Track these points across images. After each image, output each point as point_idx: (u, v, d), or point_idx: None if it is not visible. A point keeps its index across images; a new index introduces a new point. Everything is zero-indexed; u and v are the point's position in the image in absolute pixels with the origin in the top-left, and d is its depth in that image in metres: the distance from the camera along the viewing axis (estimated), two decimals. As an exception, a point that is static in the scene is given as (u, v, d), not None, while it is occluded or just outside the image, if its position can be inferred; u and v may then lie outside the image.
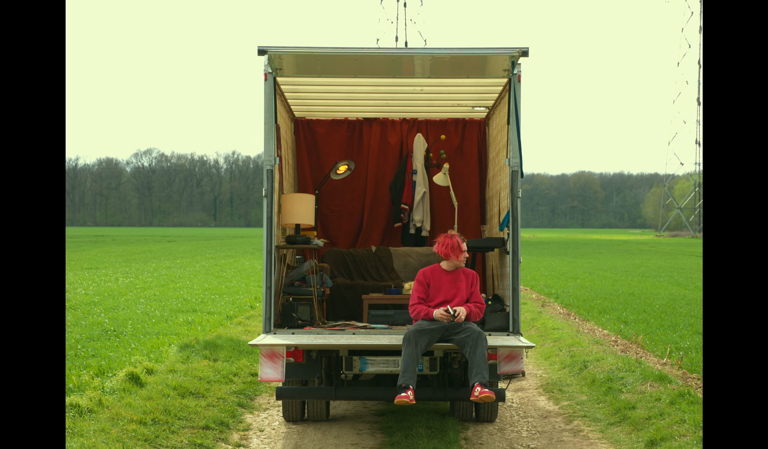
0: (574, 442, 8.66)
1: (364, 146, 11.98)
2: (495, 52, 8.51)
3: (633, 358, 12.03)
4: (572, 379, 11.73)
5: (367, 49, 8.78)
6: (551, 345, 14.47)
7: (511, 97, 8.72)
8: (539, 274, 32.00)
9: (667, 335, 14.60)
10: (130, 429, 7.95)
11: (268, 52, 8.46)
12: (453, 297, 8.05)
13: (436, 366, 8.29)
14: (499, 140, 10.15)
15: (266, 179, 8.60)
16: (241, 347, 12.70)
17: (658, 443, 8.16)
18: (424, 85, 10.26)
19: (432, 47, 8.74)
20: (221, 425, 8.92)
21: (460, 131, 11.88)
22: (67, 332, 14.25)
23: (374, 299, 10.16)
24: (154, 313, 17.31)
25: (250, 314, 17.99)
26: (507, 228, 9.14)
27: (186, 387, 9.91)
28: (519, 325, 8.56)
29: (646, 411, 9.20)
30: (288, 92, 10.45)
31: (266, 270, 8.53)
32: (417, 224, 11.75)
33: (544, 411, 10.07)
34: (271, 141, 8.62)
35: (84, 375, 10.21)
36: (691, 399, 9.27)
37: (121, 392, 9.28)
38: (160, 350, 12.37)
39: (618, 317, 17.49)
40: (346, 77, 9.83)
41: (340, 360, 8.35)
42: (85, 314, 16.95)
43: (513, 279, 8.60)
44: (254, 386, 10.88)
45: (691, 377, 10.96)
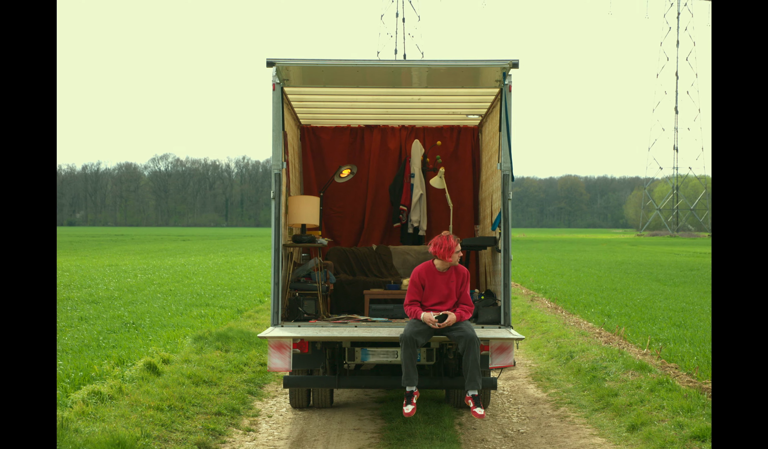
0: (561, 427, 8.66)
1: (366, 152, 11.98)
2: (487, 64, 8.51)
3: (615, 349, 12.03)
4: (559, 368, 11.73)
5: (368, 61, 8.77)
6: (540, 336, 14.47)
7: (502, 105, 8.72)
8: (528, 271, 31.99)
9: (647, 327, 14.60)
10: (148, 415, 7.95)
11: (276, 64, 8.46)
12: (446, 299, 8.03)
13: (432, 357, 8.29)
14: (491, 146, 10.15)
15: (274, 182, 8.60)
16: (250, 339, 12.70)
17: (639, 427, 8.16)
18: (421, 95, 10.26)
19: (428, 59, 8.73)
20: (232, 411, 8.92)
21: (454, 137, 11.88)
22: (89, 324, 14.25)
23: (375, 295, 10.16)
24: (170, 307, 17.30)
25: (259, 308, 17.99)
26: (499, 228, 9.14)
27: (200, 375, 9.91)
28: (510, 318, 8.55)
29: (627, 398, 9.20)
30: (294, 101, 10.45)
31: (274, 267, 8.53)
32: (415, 224, 11.75)
33: (533, 399, 10.07)
34: (278, 147, 8.62)
35: (105, 364, 10.21)
36: (670, 387, 9.28)
37: (140, 380, 9.29)
38: (176, 341, 12.37)
39: (602, 310, 17.48)
40: (348, 87, 9.83)
41: (343, 351, 8.36)
42: (106, 308, 16.95)
43: (504, 276, 8.60)
44: (263, 375, 10.89)
45: (669, 366, 10.96)
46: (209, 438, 7.84)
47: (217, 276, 27.02)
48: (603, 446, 7.89)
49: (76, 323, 14.36)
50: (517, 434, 8.40)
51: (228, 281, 25.09)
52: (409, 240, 11.84)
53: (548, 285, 24.71)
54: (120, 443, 6.79)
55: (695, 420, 7.88)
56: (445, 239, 8.03)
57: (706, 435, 7.46)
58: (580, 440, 8.13)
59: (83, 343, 12.07)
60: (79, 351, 11.31)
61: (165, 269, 30.04)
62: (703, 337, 13.33)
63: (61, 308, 16.75)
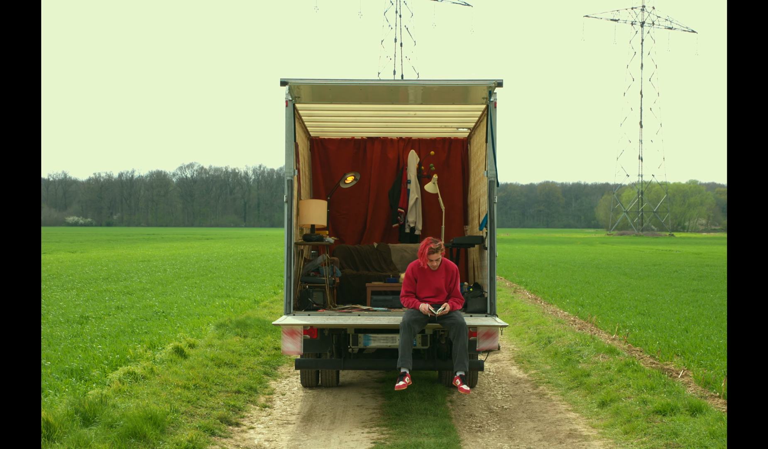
0: (540, 404, 8.66)
1: (368, 161, 11.97)
2: (475, 83, 8.50)
3: (588, 335, 12.03)
4: (538, 352, 11.73)
5: (370, 80, 8.77)
6: (521, 324, 14.46)
7: (488, 120, 8.71)
8: (512, 266, 31.99)
9: (615, 315, 14.60)
10: (176, 393, 7.95)
11: (289, 83, 8.46)
12: (438, 292, 8.04)
13: (426, 342, 8.30)
14: (479, 155, 10.14)
15: (287, 187, 8.60)
16: (266, 326, 12.70)
17: (608, 404, 8.16)
18: (417, 110, 10.25)
19: (423, 79, 8.71)
20: (250, 390, 8.92)
21: (446, 148, 11.87)
22: (125, 313, 14.25)
23: (376, 287, 10.16)
24: (195, 298, 17.30)
25: (274, 299, 17.98)
26: (485, 228, 9.14)
27: (221, 358, 9.91)
28: (495, 308, 8.55)
29: (598, 378, 9.20)
30: (305, 116, 10.44)
31: (287, 263, 8.53)
32: (411, 225, 11.75)
33: (515, 379, 10.06)
34: (291, 156, 8.62)
35: (139, 348, 10.21)
36: (635, 368, 9.28)
37: (169, 362, 9.29)
38: (200, 328, 12.37)
39: (576, 301, 17.48)
40: (352, 103, 9.83)
41: (347, 336, 8.36)
42: (139, 298, 16.95)
43: (490, 270, 8.61)
44: (277, 358, 10.89)
45: (635, 349, 10.95)
46: (230, 413, 7.84)
47: (236, 271, 27.01)
48: (577, 420, 7.89)
49: (113, 312, 14.36)
50: (501, 409, 8.40)
51: (246, 275, 25.09)
52: (406, 239, 11.84)
53: (529, 279, 24.71)
54: (152, 417, 6.79)
55: (657, 397, 7.89)
56: (421, 246, 8.04)
57: (666, 409, 7.47)
58: (556, 415, 8.13)
59: (119, 329, 12.07)
60: (116, 337, 11.31)
61: (191, 264, 30.03)
62: (665, 324, 13.33)
63: (100, 298, 16.75)
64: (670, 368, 9.59)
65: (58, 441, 6.09)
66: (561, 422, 7.82)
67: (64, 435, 6.22)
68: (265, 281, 22.68)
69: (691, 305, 16.69)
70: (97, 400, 7.09)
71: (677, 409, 7.43)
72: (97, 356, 9.62)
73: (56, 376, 8.45)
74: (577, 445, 7.00)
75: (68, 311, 14.27)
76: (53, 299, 16.38)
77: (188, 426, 7.05)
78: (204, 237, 77.01)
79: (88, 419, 6.66)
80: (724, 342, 11.25)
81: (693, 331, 12.51)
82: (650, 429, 7.10)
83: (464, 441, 7.13)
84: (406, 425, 7.58)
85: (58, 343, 10.68)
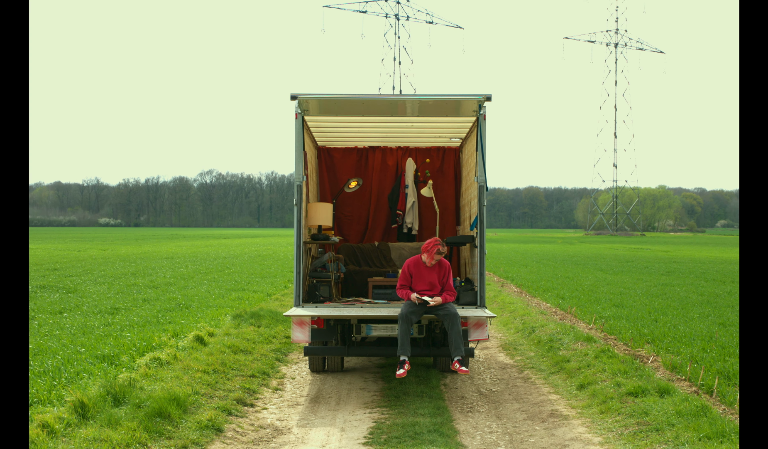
0: (525, 386, 8.65)
1: (369, 167, 11.97)
2: (466, 98, 8.50)
3: (568, 324, 12.02)
4: (523, 340, 11.72)
5: (372, 95, 8.77)
6: (508, 315, 14.45)
7: (478, 131, 8.70)
8: (499, 262, 31.96)
9: (592, 307, 14.59)
10: (197, 377, 7.95)
11: (298, 97, 8.46)
12: (432, 287, 8.04)
13: (423, 331, 8.29)
14: (470, 163, 10.14)
15: (296, 192, 8.59)
16: (278, 317, 12.69)
17: (586, 386, 8.16)
18: (414, 122, 10.25)
19: (419, 94, 8.70)
20: (263, 374, 8.92)
21: (440, 156, 11.87)
22: (151, 305, 14.25)
23: (377, 281, 10.15)
24: (214, 291, 17.29)
25: (285, 292, 17.97)
26: (476, 228, 9.13)
27: (237, 346, 9.90)
28: (484, 300, 8.55)
29: (577, 363, 9.19)
30: (313, 127, 10.44)
31: (296, 259, 8.52)
32: (408, 225, 11.74)
33: (502, 364, 10.06)
34: (300, 164, 8.61)
35: (163, 336, 10.20)
36: (610, 354, 9.27)
37: (190, 349, 9.28)
38: (218, 318, 12.37)
39: (557, 294, 17.48)
40: (356, 116, 9.82)
41: (351, 326, 8.36)
42: (164, 292, 16.94)
43: (480, 266, 8.60)
44: (288, 345, 10.88)
45: (610, 338, 10.94)
46: (245, 395, 7.84)
47: (251, 267, 27.00)
48: (558, 401, 7.88)
49: (141, 304, 14.36)
50: (489, 392, 8.40)
51: (259, 271, 25.07)
52: (404, 238, 11.84)
53: (515, 274, 24.70)
54: (175, 398, 6.79)
55: (630, 380, 7.89)
56: (430, 243, 8.05)
57: (638, 391, 7.46)
58: (539, 397, 8.12)
59: (146, 320, 12.06)
60: (143, 326, 11.30)
61: (210, 261, 30.01)
62: (637, 315, 13.32)
63: (129, 292, 16.74)
64: (641, 354, 9.58)
65: (92, 420, 6.09)
66: (543, 403, 7.82)
67: (97, 414, 6.22)
68: (277, 276, 22.67)
69: (660, 297, 16.68)
70: (127, 383, 7.09)
71: (647, 391, 7.43)
72: (126, 343, 9.62)
73: (90, 361, 8.45)
74: (558, 424, 6.99)
75: (100, 303, 14.26)
76: (87, 292, 16.37)
77: (208, 407, 7.05)
78: (222, 237, 76.98)
79: (118, 400, 6.66)
80: (689, 331, 11.25)
81: (662, 321, 12.51)
82: (623, 409, 7.10)
83: (456, 421, 7.13)
84: (404, 406, 7.58)
85: (91, 332, 10.68)
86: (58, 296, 15.67)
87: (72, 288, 17.35)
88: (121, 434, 5.81)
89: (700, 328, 11.62)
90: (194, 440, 6.12)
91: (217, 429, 6.53)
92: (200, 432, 6.32)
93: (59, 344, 9.57)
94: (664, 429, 6.33)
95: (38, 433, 5.55)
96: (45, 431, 5.65)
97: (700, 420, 6.26)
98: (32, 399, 6.72)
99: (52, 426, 5.75)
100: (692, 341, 10.35)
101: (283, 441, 6.48)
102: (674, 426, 6.33)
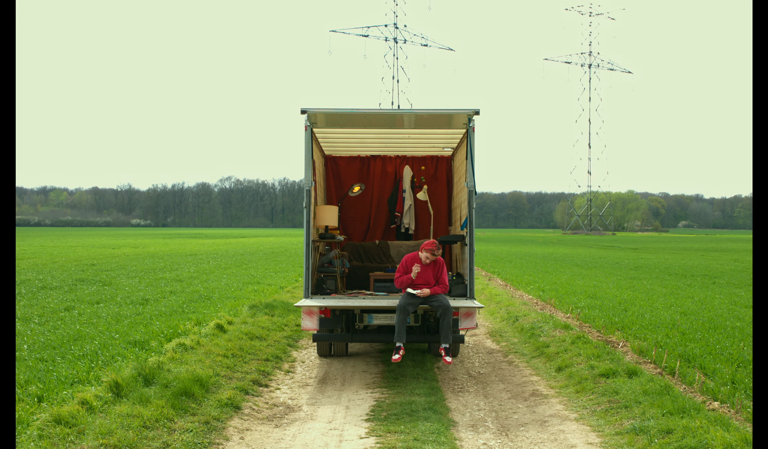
0: (509, 369, 8.66)
1: (371, 174, 11.97)
2: (457, 112, 8.50)
3: (548, 314, 12.02)
4: (508, 328, 11.72)
5: (373, 110, 8.77)
6: (494, 305, 14.46)
7: (468, 141, 8.71)
8: (487, 258, 31.95)
9: (569, 298, 14.59)
10: (218, 360, 7.96)
11: (308, 111, 8.45)
12: (425, 282, 8.04)
13: (418, 320, 8.30)
14: (461, 170, 10.14)
15: (306, 196, 8.60)
16: (289, 307, 12.70)
17: (563, 369, 8.17)
18: (410, 134, 10.25)
19: (415, 109, 8.70)
20: (276, 358, 8.92)
21: (434, 163, 11.87)
22: (176, 296, 14.24)
23: (378, 276, 10.15)
24: (233, 284, 17.29)
25: (295, 285, 17.98)
26: (466, 228, 9.13)
27: (253, 333, 9.91)
28: (473, 292, 8.55)
29: (556, 348, 9.20)
30: (320, 138, 10.43)
31: (306, 256, 8.53)
32: (406, 226, 11.74)
33: (489, 349, 10.06)
34: (309, 171, 8.62)
35: (188, 324, 10.21)
36: (585, 340, 9.28)
37: (212, 336, 9.29)
38: (236, 309, 12.37)
39: (538, 287, 17.48)
40: (359, 128, 9.81)
41: (354, 315, 8.36)
42: (188, 284, 16.94)
43: (470, 262, 8.60)
44: (298, 332, 10.89)
45: (585, 326, 10.95)
46: (260, 376, 7.85)
47: (265, 263, 27.00)
48: (538, 382, 7.89)
49: (168, 296, 14.36)
50: (478, 374, 8.41)
51: (273, 266, 25.07)
52: (402, 237, 11.83)
53: (500, 269, 24.70)
54: (198, 379, 6.80)
55: (602, 363, 7.89)
56: (428, 244, 8.05)
57: (609, 373, 7.47)
58: (522, 378, 8.13)
59: (172, 309, 12.07)
60: (170, 315, 11.31)
61: (229, 258, 30.01)
62: (608, 305, 13.32)
63: (157, 285, 16.74)
64: (612, 340, 9.59)
65: (126, 398, 6.10)
66: (526, 383, 7.82)
67: (130, 393, 6.23)
68: (288, 271, 22.67)
69: (629, 290, 16.68)
70: (155, 366, 7.10)
71: (618, 373, 7.44)
72: (155, 330, 9.63)
73: (123, 346, 8.46)
74: (539, 402, 7.00)
75: (132, 295, 14.27)
76: (121, 285, 16.37)
77: (227, 387, 7.06)
78: (239, 236, 76.93)
79: (148, 380, 6.67)
80: (655, 319, 11.25)
81: (630, 311, 12.51)
82: (596, 388, 7.11)
83: (448, 399, 7.13)
84: (402, 387, 7.59)
85: (124, 320, 10.68)
86: (95, 288, 15.67)
87: (107, 281, 17.35)
88: (150, 410, 5.82)
89: (664, 317, 11.62)
90: (215, 416, 6.13)
91: (236, 407, 6.54)
92: (220, 409, 6.33)
93: (96, 331, 9.58)
94: (632, 406, 6.34)
95: (78, 409, 5.56)
96: (84, 407, 5.67)
97: (663, 398, 6.27)
98: (73, 379, 6.74)
99: (90, 402, 5.77)
100: (657, 328, 10.35)
101: (294, 418, 6.49)
102: (641, 403, 6.34)
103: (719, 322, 11.03)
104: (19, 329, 9.68)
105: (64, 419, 5.32)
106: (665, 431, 5.53)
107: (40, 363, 7.39)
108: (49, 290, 15.17)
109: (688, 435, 5.31)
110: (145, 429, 5.47)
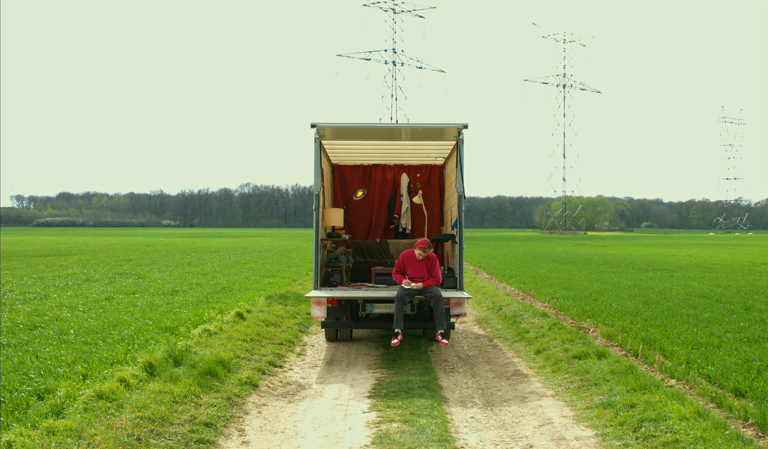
0: (494, 352, 8.67)
1: (372, 181, 11.97)
2: (448, 126, 8.51)
3: (528, 303, 12.03)
4: (493, 316, 11.73)
5: (374, 124, 8.78)
6: (481, 296, 14.46)
7: (458, 152, 8.71)
8: (474, 254, 31.94)
9: (547, 290, 14.60)
10: (238, 344, 7.97)
11: (317, 125, 8.47)
12: (419, 277, 8.05)
13: (414, 309, 8.30)
14: (451, 177, 10.15)
15: (315, 200, 8.61)
16: (301, 297, 12.70)
17: (541, 352, 8.17)
18: (407, 145, 10.25)
19: (412, 123, 8.71)
20: (289, 342, 8.93)
21: (428, 171, 11.87)
22: (202, 288, 14.25)
23: (379, 270, 10.14)
24: (251, 277, 17.29)
25: (306, 278, 17.98)
26: (456, 228, 9.14)
27: (269, 320, 9.92)
28: (462, 284, 8.56)
29: (534, 334, 9.21)
30: (328, 148, 10.44)
31: (315, 253, 8.54)
32: (403, 226, 11.75)
33: (477, 334, 10.07)
34: (318, 178, 8.63)
35: (212, 312, 10.22)
36: (560, 327, 9.28)
37: (232, 322, 9.30)
38: (254, 299, 12.38)
39: (519, 279, 17.48)
40: (362, 140, 9.81)
41: (358, 305, 8.36)
42: (212, 278, 16.94)
43: (459, 258, 8.61)
44: (308, 320, 10.89)
45: (560, 314, 10.95)
46: (275, 358, 7.85)
47: (279, 259, 26.99)
48: (519, 363, 7.90)
49: (194, 287, 14.37)
50: (466, 356, 8.41)
51: (286, 261, 25.07)
52: (400, 236, 11.83)
53: (486, 264, 24.70)
54: (221, 360, 6.81)
55: (575, 346, 7.90)
56: (423, 242, 8.05)
57: (581, 355, 7.47)
58: (505, 359, 8.14)
59: (198, 299, 12.08)
60: (196, 304, 11.32)
61: (248, 254, 30.00)
62: (581, 295, 13.32)
63: (185, 277, 16.75)
64: (584, 326, 9.60)
65: (158, 377, 6.12)
66: (508, 365, 7.84)
67: (162, 372, 6.24)
68: (300, 266, 22.67)
69: (598, 282, 16.69)
70: (184, 348, 7.11)
71: (589, 355, 7.45)
72: (183, 318, 9.64)
73: (156, 331, 8.47)
74: (520, 381, 7.01)
75: (163, 286, 14.28)
76: (153, 278, 16.38)
77: (246, 368, 7.07)
78: (257, 236, 76.88)
79: (177, 361, 6.68)
80: (621, 308, 11.25)
81: (600, 300, 12.52)
82: (570, 368, 7.12)
83: (440, 378, 7.15)
84: (400, 367, 7.60)
85: (156, 308, 10.69)
86: (132, 280, 15.68)
87: (142, 275, 17.36)
88: (180, 387, 5.83)
89: (629, 305, 11.63)
90: (236, 393, 6.15)
91: (254, 385, 6.55)
92: (241, 387, 6.34)
93: (132, 318, 9.59)
94: (601, 383, 6.36)
95: (117, 386, 5.58)
96: (122, 384, 5.68)
97: (628, 377, 6.29)
98: (112, 360, 6.75)
99: (128, 380, 5.78)
100: (623, 315, 10.36)
101: (305, 395, 6.50)
102: (609, 381, 6.35)
103: (676, 310, 11.04)
104: (67, 316, 9.70)
105: (105, 394, 5.34)
106: (629, 405, 5.54)
107: (84, 346, 7.41)
108: (92, 282, 15.19)
109: (649, 409, 5.32)
110: (175, 403, 5.48)
